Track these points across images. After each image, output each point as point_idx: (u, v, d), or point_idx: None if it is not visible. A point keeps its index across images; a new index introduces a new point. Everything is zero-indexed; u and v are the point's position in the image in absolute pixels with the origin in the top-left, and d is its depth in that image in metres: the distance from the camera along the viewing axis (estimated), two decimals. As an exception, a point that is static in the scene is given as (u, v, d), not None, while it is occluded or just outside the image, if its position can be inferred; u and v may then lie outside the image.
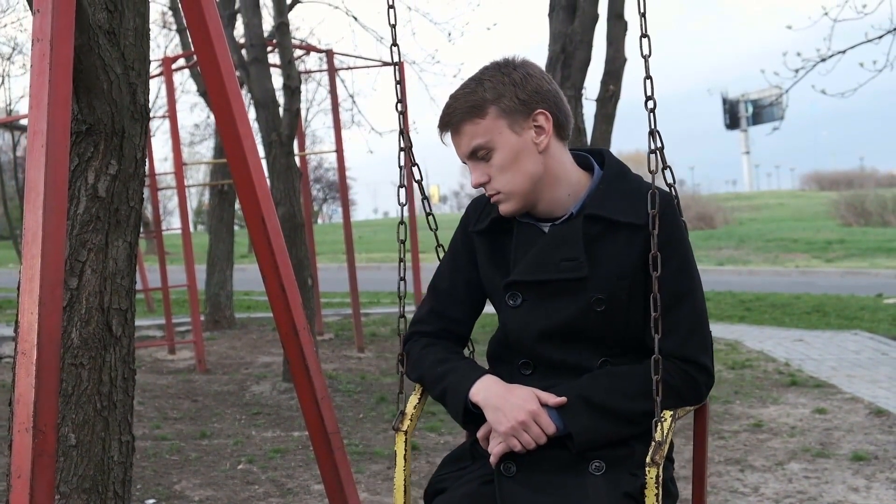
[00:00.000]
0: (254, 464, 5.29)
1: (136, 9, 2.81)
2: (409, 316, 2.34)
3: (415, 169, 2.49)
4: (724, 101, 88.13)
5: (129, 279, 2.84)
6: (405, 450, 2.18)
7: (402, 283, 2.33)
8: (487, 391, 2.05)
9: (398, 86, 2.50)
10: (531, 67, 2.10)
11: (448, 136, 2.13)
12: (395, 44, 2.48)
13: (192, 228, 9.92)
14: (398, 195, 2.42)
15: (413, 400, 2.24)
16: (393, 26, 2.48)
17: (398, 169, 2.46)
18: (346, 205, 10.90)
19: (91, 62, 2.60)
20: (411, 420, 2.20)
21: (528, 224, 2.14)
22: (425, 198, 2.52)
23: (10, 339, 10.04)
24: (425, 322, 2.27)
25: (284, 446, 5.65)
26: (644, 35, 2.08)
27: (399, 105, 2.49)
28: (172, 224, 36.94)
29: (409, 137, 2.47)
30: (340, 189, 11.06)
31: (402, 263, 2.34)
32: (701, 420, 2.25)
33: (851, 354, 8.57)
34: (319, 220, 62.55)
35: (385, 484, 4.87)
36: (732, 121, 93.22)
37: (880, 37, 9.27)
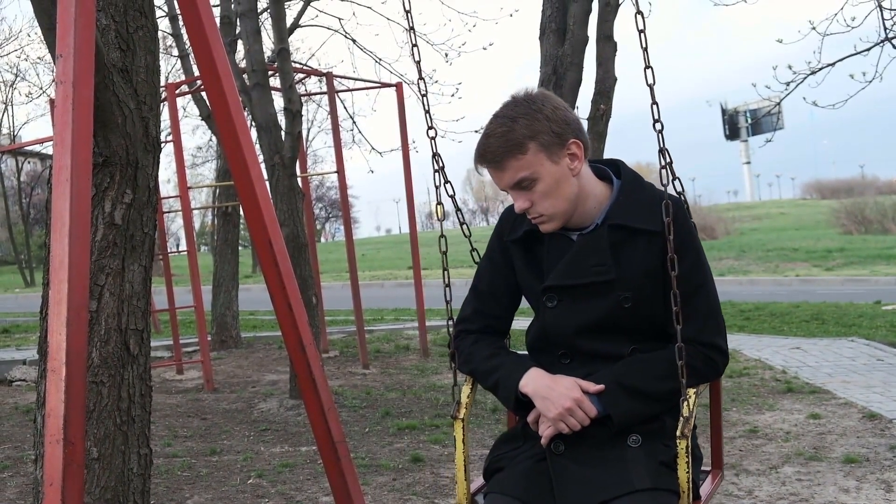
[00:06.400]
0: (263, 478, 5.45)
1: (146, 47, 3.00)
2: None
3: (448, 186, 2.74)
4: (724, 111, 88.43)
5: (144, 301, 3.02)
6: (463, 434, 2.47)
7: (447, 289, 2.60)
8: (535, 383, 2.34)
9: (427, 114, 2.75)
10: (554, 100, 2.36)
11: (485, 169, 2.37)
12: (421, 78, 2.77)
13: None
14: (435, 211, 2.70)
15: (466, 390, 2.52)
16: (418, 63, 2.80)
17: (434, 188, 2.74)
18: (348, 223, 11.06)
19: (106, 98, 2.79)
20: (466, 408, 2.48)
21: (558, 234, 2.41)
22: (458, 210, 2.85)
23: (19, 363, 10.18)
24: (470, 320, 2.55)
25: (293, 461, 5.80)
26: (648, 66, 2.37)
27: (430, 131, 2.73)
28: (179, 245, 37.18)
29: (441, 159, 2.72)
30: (342, 208, 11.24)
31: (445, 272, 2.64)
32: (715, 388, 2.65)
33: (847, 361, 8.72)
34: (322, 239, 62.76)
35: (391, 495, 5.02)
36: (732, 131, 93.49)
37: (868, 49, 9.44)
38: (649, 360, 2.34)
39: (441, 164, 2.71)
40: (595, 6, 5.95)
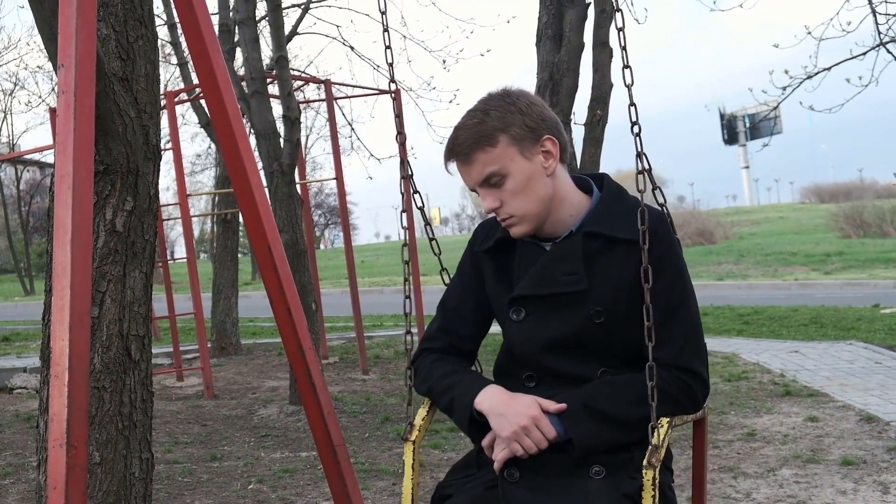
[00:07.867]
0: (263, 484, 5.47)
1: (146, 56, 3.04)
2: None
3: (416, 196, 2.62)
4: (722, 116, 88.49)
5: (145, 307, 3.05)
6: (413, 459, 2.33)
7: (407, 300, 2.50)
8: (492, 399, 2.15)
9: (397, 118, 2.65)
10: (531, 96, 2.22)
11: (454, 165, 2.21)
12: (390, 64, 2.65)
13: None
14: (401, 219, 2.60)
15: (421, 412, 2.37)
16: (391, 64, 2.68)
17: (400, 196, 2.64)
18: (347, 230, 11.09)
19: (107, 107, 2.82)
20: (419, 431, 2.34)
21: (530, 243, 2.25)
22: (427, 224, 2.67)
23: (20, 370, 10.20)
24: (434, 339, 2.39)
25: (293, 466, 5.83)
26: (626, 66, 2.28)
27: (398, 137, 2.62)
28: (174, 253, 37.18)
29: (409, 166, 2.60)
30: (341, 214, 11.28)
31: (406, 282, 2.51)
32: (700, 432, 2.38)
33: (845, 364, 8.74)
34: (322, 246, 62.85)
35: (391, 499, 5.04)
36: (731, 136, 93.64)
37: (864, 53, 9.51)
38: (620, 382, 2.13)
39: (410, 172, 2.56)
40: (591, 13, 6.00)
